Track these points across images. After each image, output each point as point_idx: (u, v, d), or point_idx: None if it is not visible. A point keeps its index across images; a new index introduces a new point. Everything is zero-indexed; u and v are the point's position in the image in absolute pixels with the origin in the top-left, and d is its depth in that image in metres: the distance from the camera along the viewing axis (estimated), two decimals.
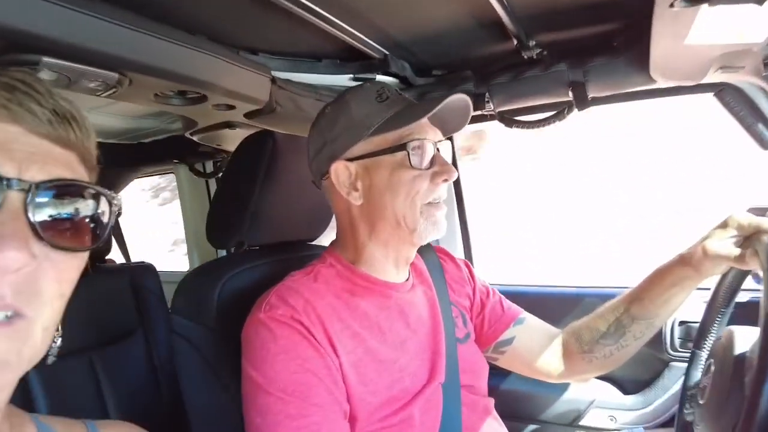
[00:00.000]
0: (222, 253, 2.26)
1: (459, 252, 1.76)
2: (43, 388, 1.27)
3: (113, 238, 2.05)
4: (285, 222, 1.19)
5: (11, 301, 0.41)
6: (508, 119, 1.34)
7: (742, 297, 0.93)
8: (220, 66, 1.07)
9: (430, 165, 0.94)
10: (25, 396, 1.24)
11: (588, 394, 1.47)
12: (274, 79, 1.20)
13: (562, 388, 1.49)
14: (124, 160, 2.04)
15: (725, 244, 0.86)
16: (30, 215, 0.43)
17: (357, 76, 1.25)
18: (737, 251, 0.83)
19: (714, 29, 0.82)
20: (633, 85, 1.16)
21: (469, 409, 1.01)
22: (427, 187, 0.93)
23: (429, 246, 1.16)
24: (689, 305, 1.11)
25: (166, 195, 8.13)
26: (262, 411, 0.80)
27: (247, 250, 1.18)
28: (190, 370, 1.00)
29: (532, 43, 1.15)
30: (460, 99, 0.97)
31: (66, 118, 0.47)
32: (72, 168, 0.48)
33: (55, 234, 0.45)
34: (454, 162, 1.66)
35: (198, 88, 1.07)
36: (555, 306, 1.51)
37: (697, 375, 0.94)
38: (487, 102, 1.27)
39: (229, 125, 1.35)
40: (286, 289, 0.90)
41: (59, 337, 0.51)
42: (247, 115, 1.26)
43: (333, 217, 1.09)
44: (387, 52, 1.20)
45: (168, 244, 7.23)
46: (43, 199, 0.44)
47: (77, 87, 0.93)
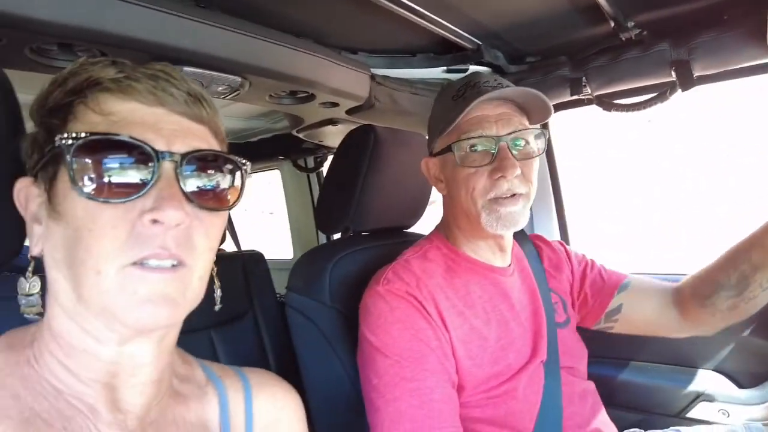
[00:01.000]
0: (322, 240, 2.42)
1: (555, 234, 1.74)
2: None
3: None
4: (386, 209, 1.27)
5: (175, 251, 0.48)
6: (606, 103, 1.31)
7: None
8: (325, 66, 1.17)
9: (490, 160, 0.93)
10: None
11: (696, 386, 1.40)
12: (373, 76, 1.28)
13: (668, 377, 1.43)
14: None
15: None
16: (180, 181, 0.50)
17: (451, 67, 1.30)
18: None
19: None
20: (746, 60, 1.10)
21: (570, 389, 1.03)
22: (484, 184, 0.93)
23: (524, 235, 1.18)
24: None
25: None
26: (379, 372, 0.88)
27: (351, 235, 1.27)
28: (306, 341, 1.11)
29: (630, 23, 1.13)
30: (518, 92, 0.94)
31: (198, 99, 0.55)
32: (207, 140, 0.55)
33: (201, 196, 0.52)
34: (550, 150, 1.63)
35: (307, 88, 1.18)
36: None
37: None
38: (584, 86, 1.26)
39: (331, 122, 1.46)
40: (401, 267, 0.98)
41: (219, 288, 0.62)
42: (349, 112, 1.36)
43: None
44: (480, 42, 1.24)
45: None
46: (189, 167, 0.51)
47: (208, 91, 1.07)
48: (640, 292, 1.14)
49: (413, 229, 1.43)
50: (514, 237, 1.10)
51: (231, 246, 2.55)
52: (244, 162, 0.57)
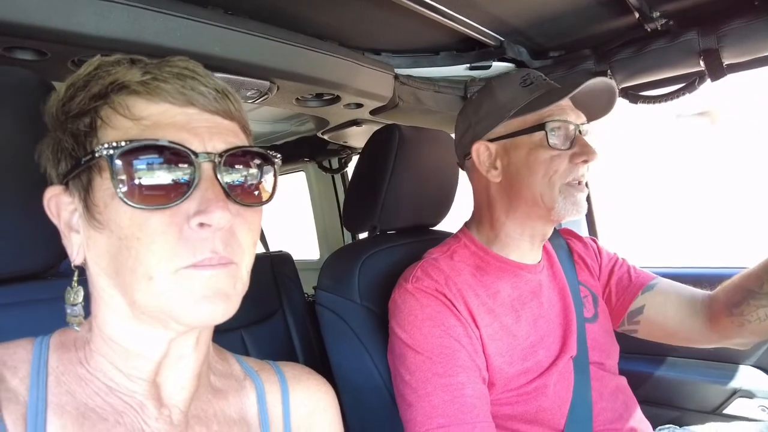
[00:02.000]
0: (348, 239, 2.45)
1: (584, 231, 1.73)
2: None
3: None
4: (413, 207, 1.28)
5: (224, 254, 0.49)
6: (632, 95, 1.30)
7: None
8: (350, 68, 1.18)
9: (570, 146, 0.96)
10: None
11: (734, 382, 1.37)
12: (396, 76, 1.29)
13: (703, 373, 1.41)
14: None
15: None
16: (221, 180, 0.49)
17: (474, 64, 1.30)
18: None
19: None
20: None
21: (600, 385, 1.02)
22: (565, 167, 0.95)
23: (555, 230, 1.18)
24: None
25: None
26: (411, 368, 0.89)
27: (378, 234, 1.28)
28: (337, 338, 1.13)
29: (655, 14, 1.11)
30: (601, 82, 0.98)
31: (225, 94, 0.54)
32: (238, 136, 0.55)
33: (241, 192, 0.52)
34: None
35: (332, 90, 1.20)
36: None
37: None
38: (609, 79, 1.25)
39: (356, 123, 1.48)
40: (429, 265, 0.99)
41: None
42: (373, 112, 1.37)
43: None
44: (503, 39, 1.24)
45: None
46: (227, 165, 0.51)
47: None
48: (666, 295, 1.11)
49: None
50: None
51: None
52: (277, 155, 0.57)
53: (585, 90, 0.95)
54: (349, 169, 2.33)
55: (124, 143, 0.47)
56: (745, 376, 1.38)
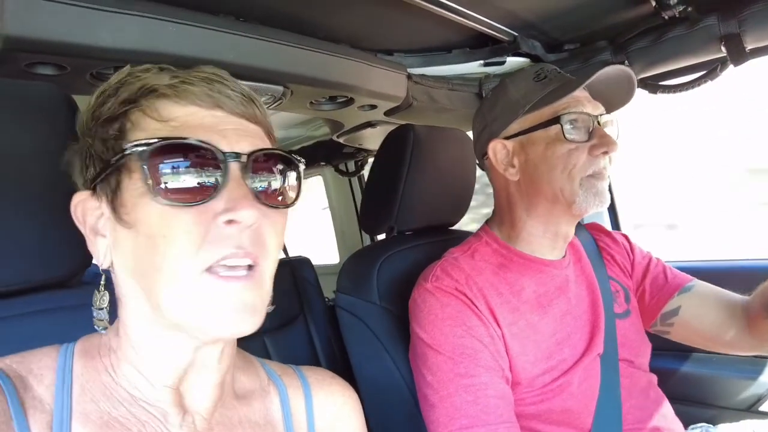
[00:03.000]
0: (367, 242, 2.45)
1: (606, 223, 1.69)
2: None
3: None
4: (430, 207, 1.27)
5: (251, 250, 0.49)
6: (651, 85, 1.27)
7: None
8: (363, 69, 1.19)
9: (588, 138, 0.94)
10: None
11: None
12: (409, 76, 1.29)
13: (738, 369, 1.36)
14: None
15: None
16: (248, 181, 0.50)
17: (488, 61, 1.29)
18: None
19: None
20: None
21: (630, 382, 0.99)
22: (585, 160, 0.93)
23: (579, 224, 1.16)
24: None
25: None
26: (432, 369, 0.89)
27: (396, 235, 1.28)
28: (358, 340, 1.13)
29: (672, 1, 1.09)
30: (617, 70, 0.96)
31: (251, 99, 0.55)
32: (263, 139, 0.55)
33: (267, 194, 0.52)
34: None
35: (346, 92, 1.20)
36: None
37: None
38: (625, 66, 1.23)
39: (370, 124, 1.48)
40: (449, 264, 0.98)
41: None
42: (387, 113, 1.37)
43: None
44: (516, 34, 1.22)
45: None
46: (254, 167, 0.51)
47: None
48: (704, 298, 1.07)
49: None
50: None
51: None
52: (301, 159, 0.57)
53: (602, 79, 0.93)
54: (366, 172, 2.34)
55: (154, 140, 0.48)
56: None
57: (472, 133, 1.12)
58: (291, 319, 1.86)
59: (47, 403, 0.50)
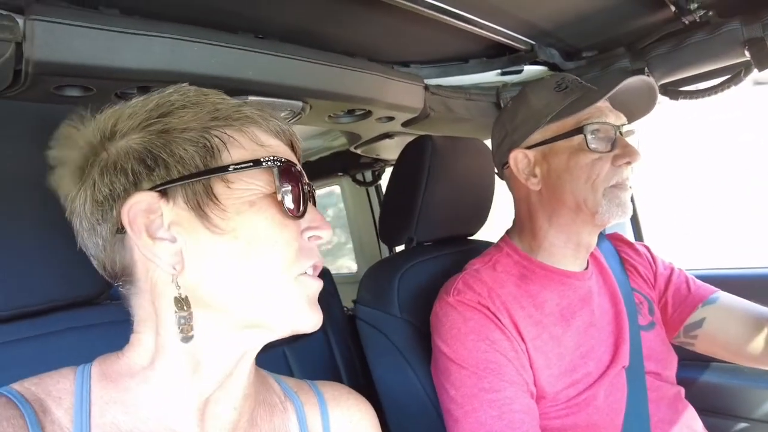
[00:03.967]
0: (385, 252, 2.45)
1: (628, 234, 1.67)
2: None
3: None
4: (449, 218, 1.27)
5: (321, 260, 0.57)
6: (672, 91, 1.25)
7: None
8: (380, 82, 1.19)
9: (611, 148, 0.93)
10: None
11: None
12: (426, 87, 1.29)
13: None
14: None
15: None
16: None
17: (505, 70, 1.29)
18: None
19: None
20: None
21: (657, 396, 0.97)
22: (608, 170, 0.93)
23: (601, 235, 1.15)
24: None
25: None
26: (456, 384, 0.88)
27: (415, 246, 1.28)
28: (378, 353, 1.13)
29: (693, 5, 1.07)
30: (639, 81, 0.95)
31: (288, 130, 0.60)
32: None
33: None
34: None
35: (364, 105, 1.21)
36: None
37: None
38: (647, 77, 1.21)
39: (388, 135, 1.48)
40: (471, 277, 0.97)
41: None
42: (405, 124, 1.38)
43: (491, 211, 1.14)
44: (533, 42, 1.22)
45: None
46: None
47: None
48: (729, 310, 1.04)
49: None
50: None
51: None
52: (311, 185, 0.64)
53: (623, 89, 0.92)
54: (383, 181, 2.35)
55: (282, 159, 0.54)
56: None
57: (491, 143, 1.11)
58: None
59: (66, 427, 0.50)
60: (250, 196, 0.52)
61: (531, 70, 1.32)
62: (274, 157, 0.54)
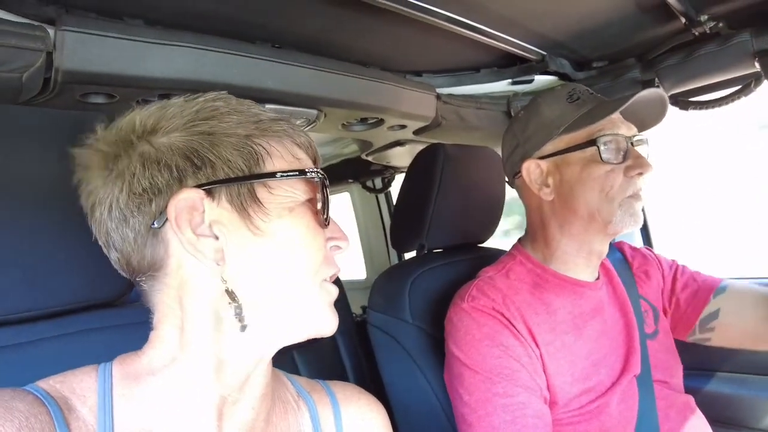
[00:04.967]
0: (394, 258, 2.46)
1: (638, 241, 1.67)
2: None
3: None
4: (460, 225, 1.28)
5: (339, 269, 0.60)
6: (682, 102, 1.26)
7: None
8: (393, 91, 1.21)
9: (623, 159, 0.94)
10: None
11: None
12: (438, 96, 1.31)
13: None
14: None
15: None
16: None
17: (516, 79, 1.30)
18: None
19: None
20: None
21: (666, 404, 0.98)
22: (621, 182, 0.94)
23: (610, 244, 1.15)
24: None
25: None
26: (470, 389, 0.89)
27: (427, 253, 1.29)
28: (390, 359, 1.14)
29: (703, 17, 1.08)
30: (652, 93, 0.96)
31: (314, 145, 0.62)
32: None
33: None
34: None
35: (376, 114, 1.23)
36: None
37: None
38: (657, 87, 1.22)
39: (399, 143, 1.50)
40: (485, 283, 0.98)
41: None
42: (416, 132, 1.39)
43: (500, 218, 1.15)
44: (544, 53, 1.24)
45: None
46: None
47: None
48: (741, 295, 1.05)
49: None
50: None
51: None
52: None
53: (634, 101, 0.93)
54: (393, 189, 2.36)
55: (321, 172, 0.57)
56: None
57: (502, 152, 1.12)
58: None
59: (91, 424, 0.50)
60: (290, 202, 0.56)
61: (542, 80, 1.34)
62: (314, 169, 0.57)
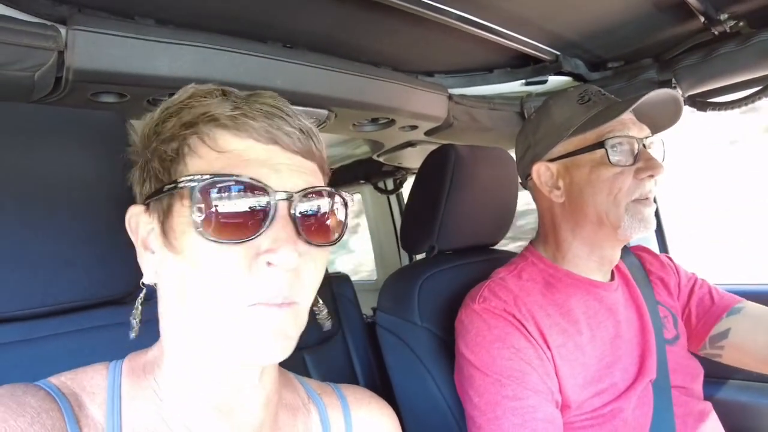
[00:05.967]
0: (405, 261, 2.45)
1: (653, 246, 1.64)
2: None
3: None
4: (471, 227, 1.27)
5: (287, 294, 0.49)
6: (700, 103, 1.23)
7: None
8: (404, 91, 1.20)
9: (633, 161, 0.93)
10: None
11: None
12: (450, 96, 1.30)
13: None
14: None
15: None
16: (295, 220, 0.49)
17: (529, 80, 1.29)
18: None
19: None
20: None
21: (683, 411, 0.96)
22: (630, 184, 0.92)
23: (626, 247, 1.13)
24: None
25: None
26: (479, 391, 0.88)
27: (437, 255, 1.28)
28: (398, 361, 1.13)
29: (723, 16, 1.06)
30: (664, 93, 0.94)
31: (309, 134, 0.54)
32: (316, 176, 0.55)
33: (311, 233, 0.51)
34: None
35: (387, 114, 1.22)
36: None
37: None
38: (674, 88, 1.20)
39: (410, 144, 1.49)
40: (496, 285, 0.97)
41: (323, 309, 0.63)
42: (428, 133, 1.39)
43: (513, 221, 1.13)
44: (558, 53, 1.22)
45: None
46: (302, 204, 0.51)
47: None
48: (756, 319, 1.02)
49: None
50: None
51: None
52: (349, 197, 0.58)
53: (647, 101, 0.91)
54: (404, 190, 2.36)
55: (207, 177, 0.48)
56: None
57: (515, 154, 1.11)
58: (330, 336, 1.87)
59: (100, 421, 0.51)
60: (191, 218, 0.48)
61: (556, 81, 1.32)
62: (192, 176, 0.48)
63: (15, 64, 0.69)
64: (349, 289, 2.04)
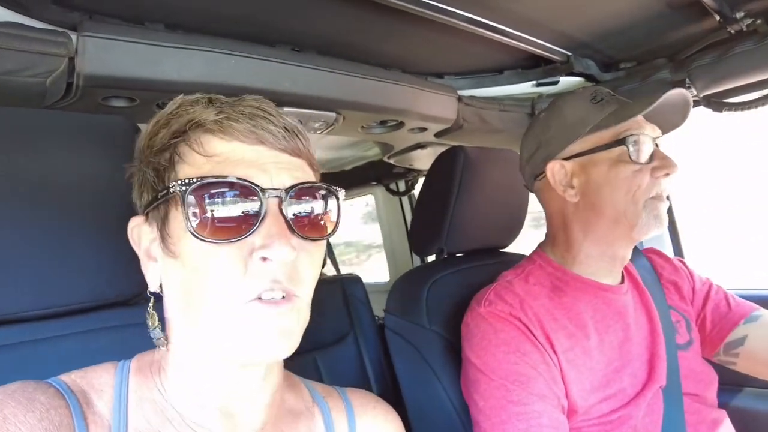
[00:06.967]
0: (417, 262, 2.45)
1: (667, 249, 1.61)
2: None
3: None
4: (480, 229, 1.26)
5: (286, 285, 0.50)
6: (716, 103, 1.20)
7: None
8: (413, 93, 1.20)
9: (649, 160, 0.92)
10: None
11: None
12: (460, 98, 1.29)
13: None
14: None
15: None
16: (285, 216, 0.51)
17: (540, 81, 1.28)
18: None
19: None
20: None
21: (696, 419, 0.93)
22: (648, 182, 0.91)
23: (637, 250, 1.11)
24: None
25: None
26: (485, 395, 0.87)
27: (446, 257, 1.27)
28: (406, 363, 1.13)
29: (739, 14, 1.03)
30: (677, 94, 0.93)
31: (294, 132, 0.56)
32: (305, 171, 0.56)
33: (304, 227, 0.53)
34: None
35: (396, 116, 1.22)
36: None
37: None
38: (688, 88, 1.17)
39: (420, 146, 1.49)
40: (503, 288, 0.96)
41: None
42: (437, 135, 1.38)
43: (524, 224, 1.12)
44: (570, 54, 1.20)
45: None
46: (292, 201, 0.52)
47: (305, 128, 1.15)
48: None
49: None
50: None
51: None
52: (339, 189, 0.59)
53: (663, 101, 0.90)
54: (417, 192, 2.35)
55: (195, 180, 0.50)
56: None
57: (521, 155, 1.10)
58: (341, 337, 1.88)
59: (106, 419, 0.52)
60: (184, 222, 0.50)
61: (567, 82, 1.31)
62: (181, 181, 0.50)
63: (27, 70, 0.71)
64: (361, 290, 2.05)
